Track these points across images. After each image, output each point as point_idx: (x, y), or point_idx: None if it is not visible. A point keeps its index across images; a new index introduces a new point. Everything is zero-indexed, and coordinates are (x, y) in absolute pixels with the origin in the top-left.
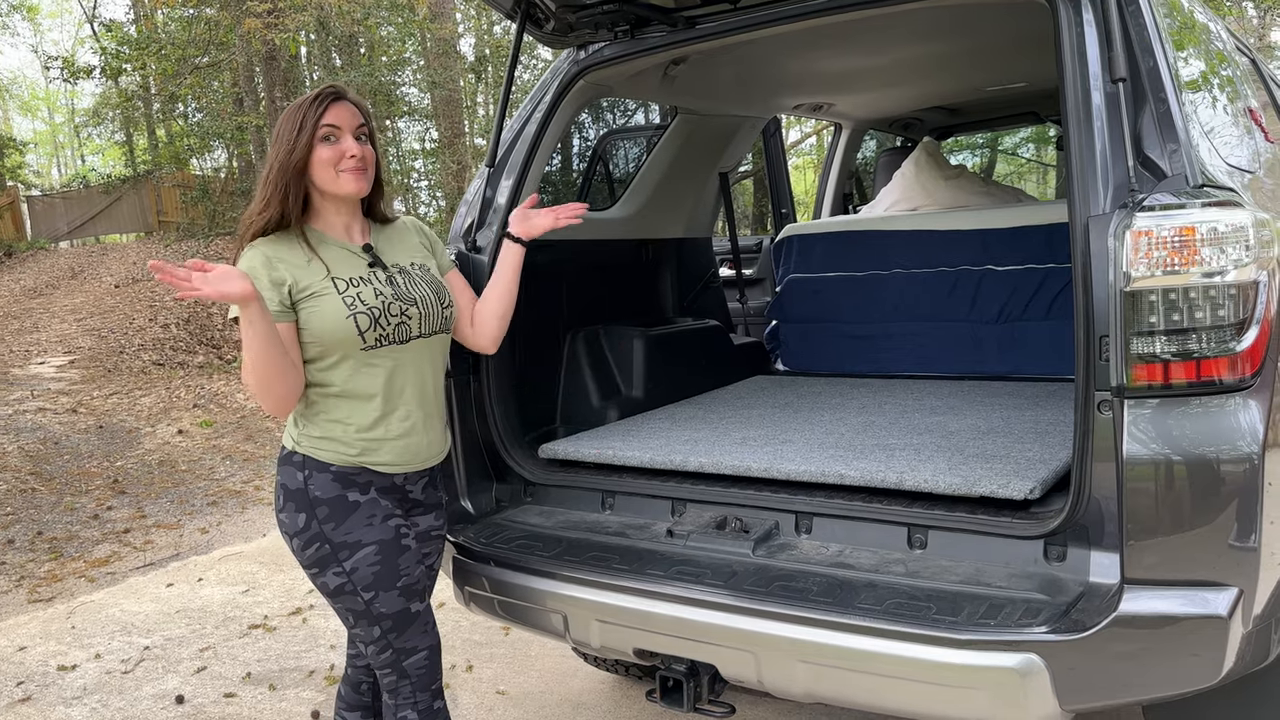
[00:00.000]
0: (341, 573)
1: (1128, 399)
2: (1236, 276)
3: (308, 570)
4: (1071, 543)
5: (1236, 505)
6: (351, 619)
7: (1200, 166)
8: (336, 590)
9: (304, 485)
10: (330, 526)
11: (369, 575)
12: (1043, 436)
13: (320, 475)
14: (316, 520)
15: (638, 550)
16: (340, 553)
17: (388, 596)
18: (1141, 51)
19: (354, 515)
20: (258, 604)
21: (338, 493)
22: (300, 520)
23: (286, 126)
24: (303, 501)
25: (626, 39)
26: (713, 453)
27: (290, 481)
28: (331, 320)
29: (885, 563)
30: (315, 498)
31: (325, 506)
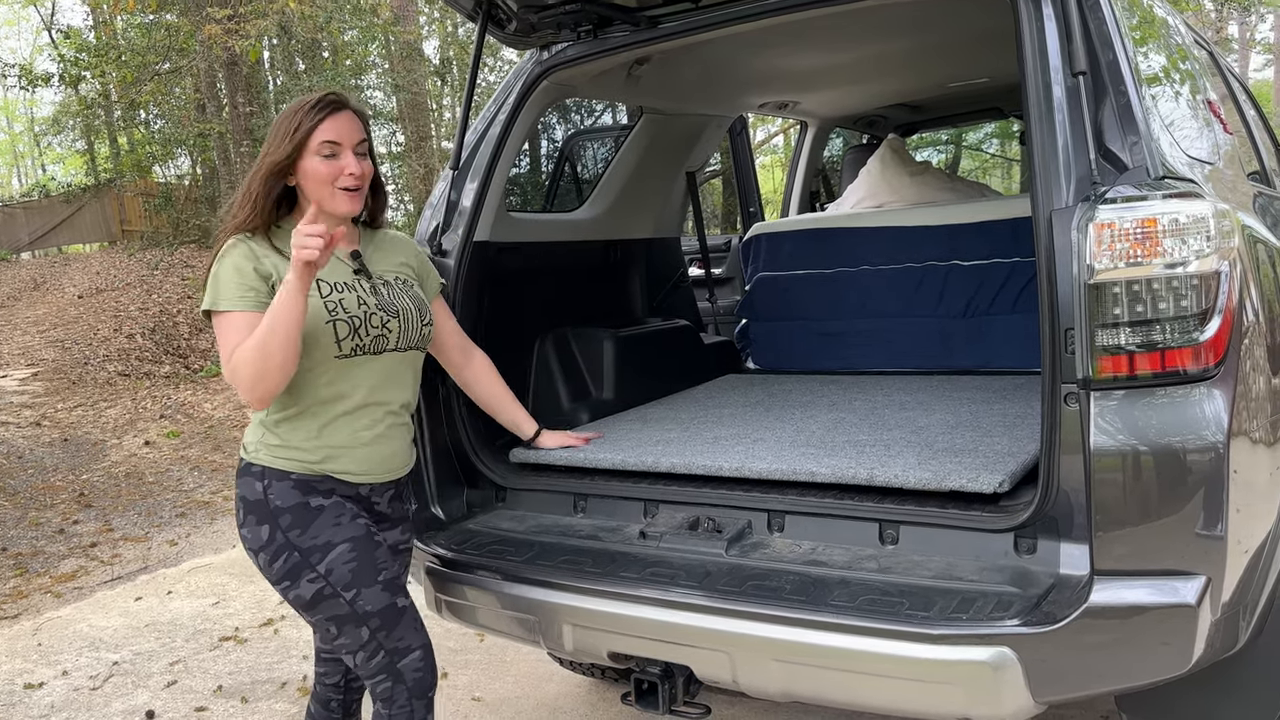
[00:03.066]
0: (317, 578)
1: (1094, 391)
2: (1198, 267)
3: (279, 586)
4: (1041, 535)
5: (1203, 494)
6: (335, 628)
7: (1161, 158)
8: (314, 599)
9: (264, 495)
10: (296, 533)
11: (346, 573)
12: (1011, 430)
13: (280, 484)
14: (280, 530)
15: (610, 553)
16: (311, 557)
17: (370, 592)
18: (1101, 45)
19: (319, 519)
20: (228, 616)
21: (298, 500)
22: (264, 533)
23: (281, 129)
24: (264, 513)
25: (589, 39)
26: (684, 453)
27: (249, 493)
28: (310, 322)
29: (857, 559)
30: (276, 507)
31: (288, 515)
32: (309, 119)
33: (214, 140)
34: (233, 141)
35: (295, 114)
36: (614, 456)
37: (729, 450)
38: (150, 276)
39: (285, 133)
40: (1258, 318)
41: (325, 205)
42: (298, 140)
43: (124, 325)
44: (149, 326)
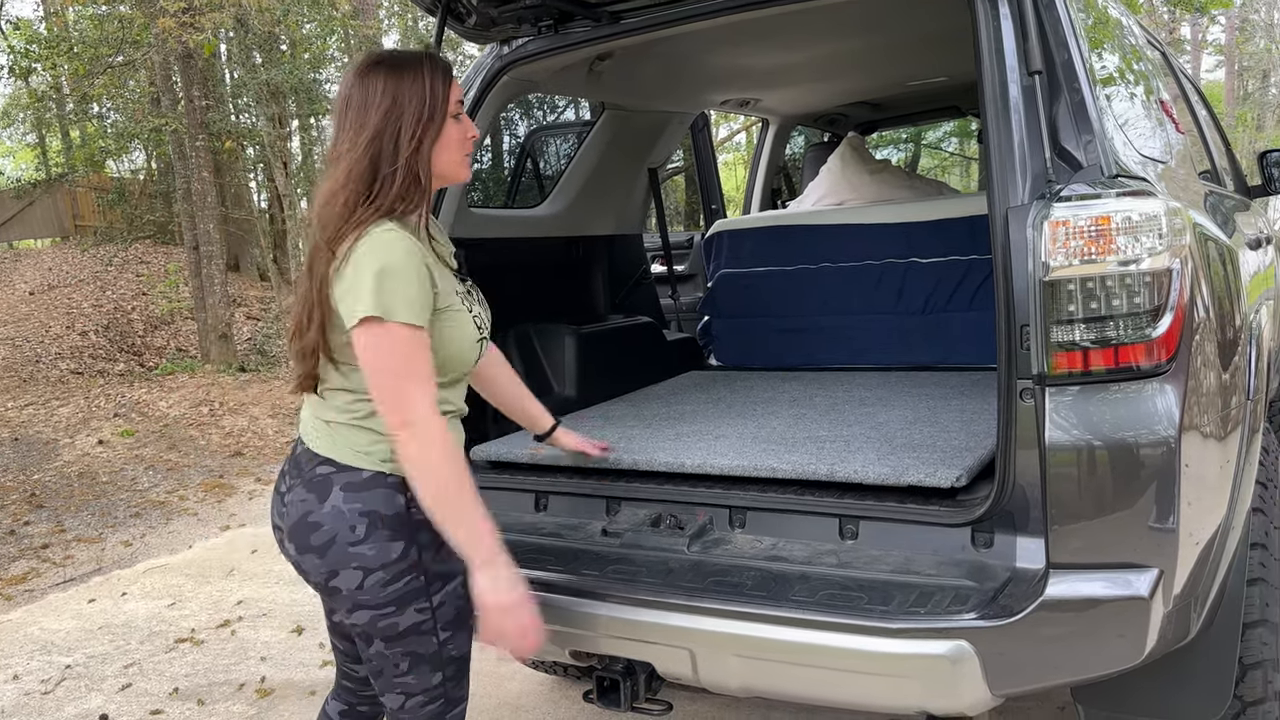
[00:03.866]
0: (426, 609)
1: (1049, 386)
2: (1151, 264)
3: (376, 610)
4: (998, 529)
5: (1155, 488)
6: (408, 665)
7: (1114, 157)
8: (407, 631)
9: (405, 509)
10: (430, 554)
11: (452, 612)
12: (968, 425)
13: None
14: (418, 547)
15: (572, 550)
16: (433, 585)
17: (461, 637)
18: (1056, 44)
19: (447, 544)
20: (184, 617)
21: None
22: (396, 550)
23: (415, 93)
24: (403, 528)
25: (550, 34)
26: (646, 450)
27: (385, 506)
28: (466, 342)
29: (818, 554)
30: (418, 522)
31: (428, 532)
32: (441, 79)
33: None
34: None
35: (426, 75)
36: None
37: (691, 447)
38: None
39: (423, 98)
40: (1208, 314)
41: (457, 174)
42: (445, 106)
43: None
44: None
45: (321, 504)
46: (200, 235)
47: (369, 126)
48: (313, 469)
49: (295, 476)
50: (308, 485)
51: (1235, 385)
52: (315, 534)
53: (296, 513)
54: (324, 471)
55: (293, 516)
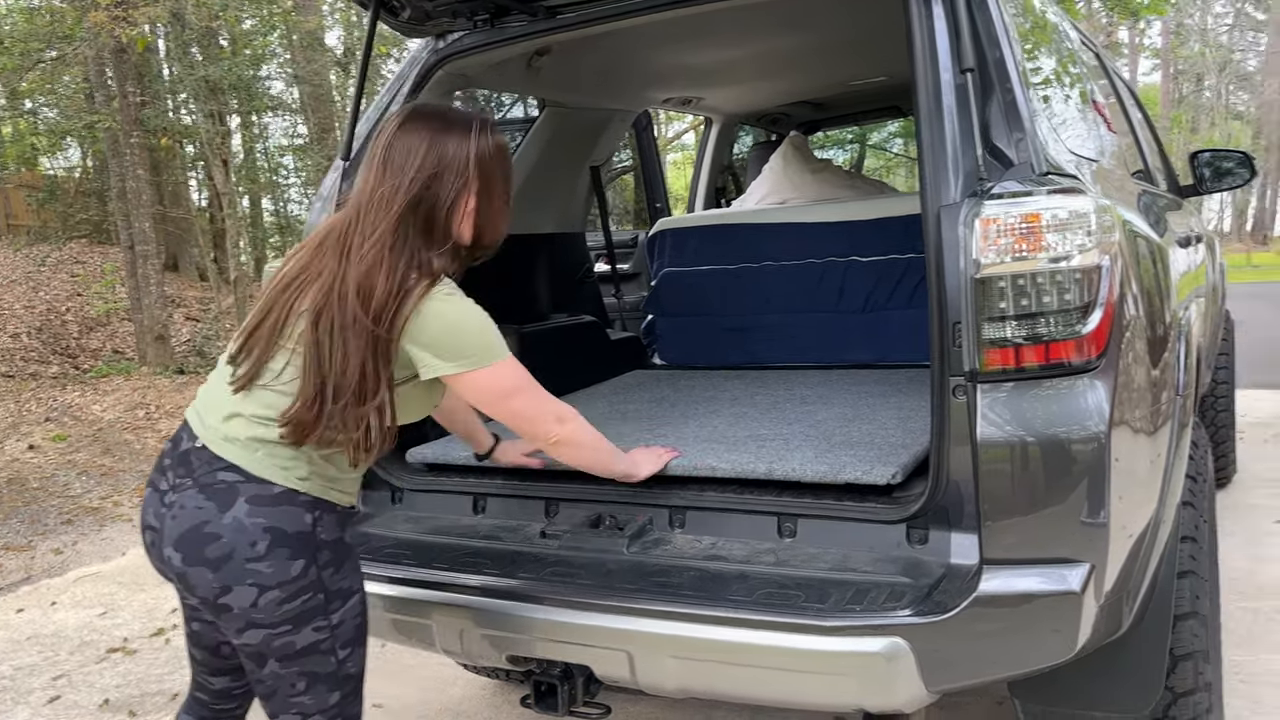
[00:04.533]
0: (324, 627)
1: (981, 383)
2: (1080, 261)
3: (271, 629)
4: (932, 525)
5: (1086, 484)
6: (304, 684)
7: (1045, 155)
8: (305, 650)
9: (312, 528)
10: (330, 572)
11: (351, 629)
12: (905, 422)
13: (329, 516)
14: (317, 566)
15: (510, 553)
16: (332, 603)
17: (359, 654)
18: (989, 43)
19: (349, 559)
20: (116, 626)
21: (339, 534)
22: (295, 567)
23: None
24: (305, 546)
25: (486, 28)
26: None
27: (291, 524)
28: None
29: (756, 553)
30: (321, 540)
31: (329, 550)
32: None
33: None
34: (122, 133)
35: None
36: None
37: (631, 447)
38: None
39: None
40: (1138, 311)
41: (496, 239)
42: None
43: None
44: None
45: (222, 514)
46: (135, 234)
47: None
48: (212, 473)
49: (184, 476)
50: (205, 491)
51: (1165, 381)
52: (211, 546)
53: (190, 520)
54: (228, 479)
55: (185, 523)
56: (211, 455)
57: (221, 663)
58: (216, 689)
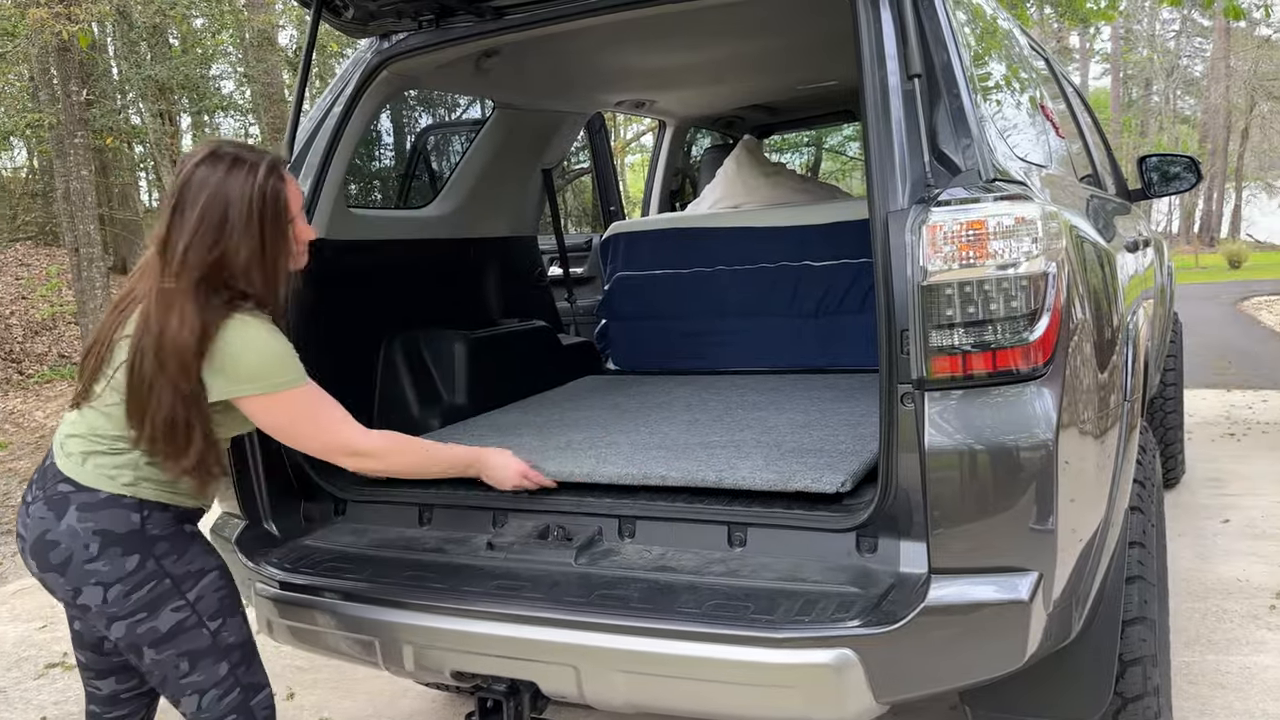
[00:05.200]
0: (183, 606)
1: (928, 391)
2: (1027, 268)
3: (128, 620)
4: (882, 534)
5: (1034, 492)
6: (188, 664)
7: (993, 161)
8: (172, 631)
9: (140, 526)
10: (171, 560)
11: (215, 601)
12: (855, 428)
13: (160, 514)
14: (154, 558)
15: (455, 566)
16: (184, 584)
17: (234, 622)
18: (936, 48)
19: (194, 545)
20: (56, 640)
21: (175, 528)
22: (130, 563)
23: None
24: (136, 543)
25: (432, 28)
26: (535, 459)
27: (117, 525)
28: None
29: (706, 563)
30: (153, 535)
31: (165, 542)
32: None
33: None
34: (66, 132)
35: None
36: None
37: (581, 455)
38: None
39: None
40: (1085, 317)
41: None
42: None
43: None
44: None
45: (58, 522)
46: (80, 236)
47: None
48: (54, 485)
49: (39, 489)
50: (48, 503)
51: (1113, 386)
52: (53, 552)
53: (37, 529)
54: (63, 490)
55: (33, 532)
56: (55, 469)
57: (106, 661)
58: (105, 694)
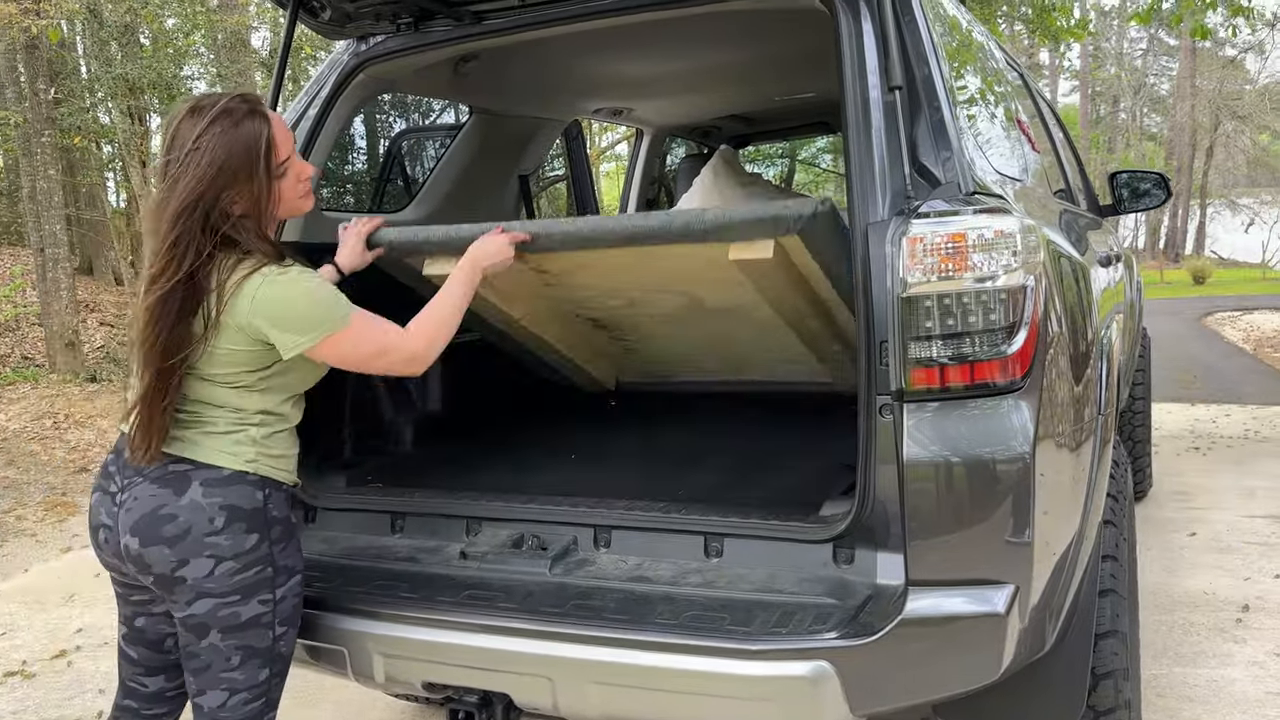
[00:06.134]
0: (269, 600)
1: (907, 402)
2: (1005, 281)
3: (220, 599)
4: (859, 545)
5: (1011, 505)
6: (239, 659)
7: (972, 174)
8: (249, 623)
9: (263, 505)
10: (280, 548)
11: (289, 608)
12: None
13: (278, 494)
14: (269, 541)
15: (427, 575)
16: (279, 578)
17: (293, 635)
18: (917, 61)
19: (293, 539)
20: (15, 648)
21: (287, 513)
22: (250, 541)
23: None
24: (259, 522)
25: (410, 31)
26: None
27: (245, 501)
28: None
29: (683, 574)
30: (273, 517)
31: (279, 526)
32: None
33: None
34: (33, 131)
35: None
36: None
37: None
38: None
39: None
40: (1062, 330)
41: (297, 212)
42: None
43: None
44: None
45: (179, 497)
46: (46, 237)
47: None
48: (162, 467)
49: (131, 476)
50: (159, 482)
51: (1088, 399)
52: (169, 525)
53: (146, 506)
54: (179, 469)
55: (140, 510)
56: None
57: (162, 659)
58: (150, 691)
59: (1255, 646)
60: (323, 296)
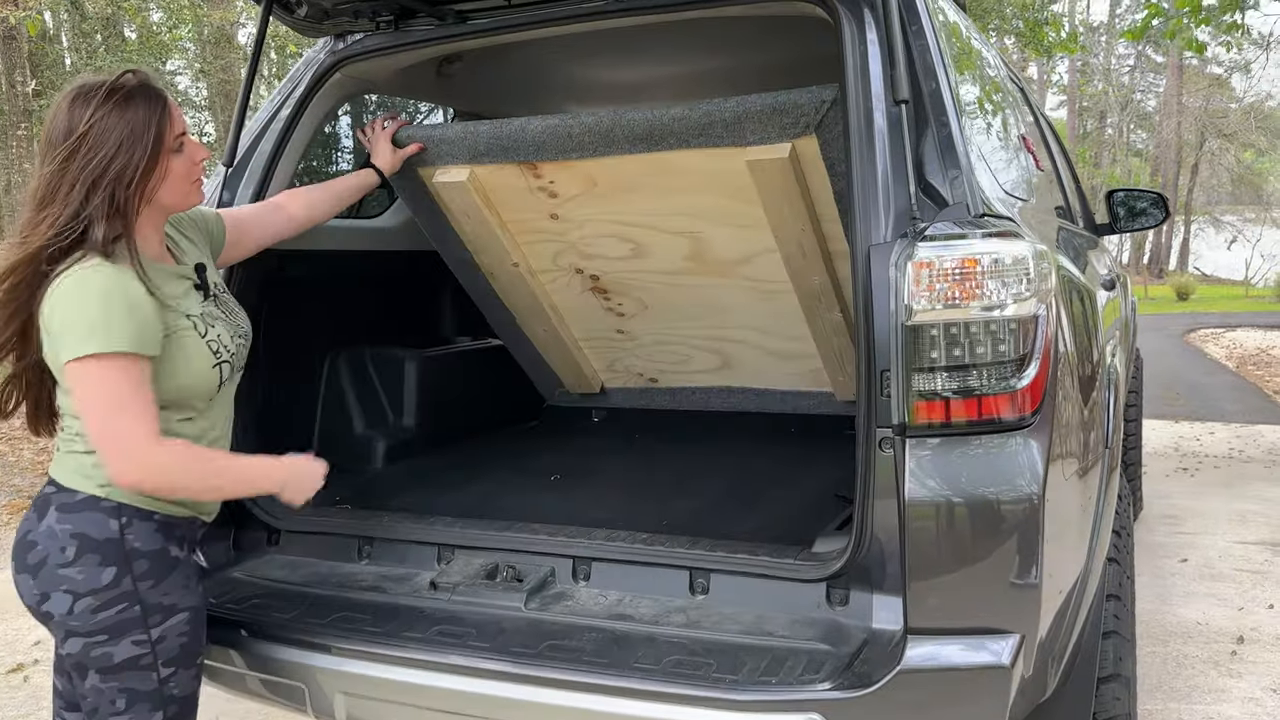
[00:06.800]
0: (144, 642)
1: (910, 438)
2: (1017, 310)
3: (91, 639)
4: (854, 585)
5: (1018, 549)
6: (123, 703)
7: (981, 194)
8: (125, 664)
9: (119, 534)
10: (148, 585)
11: (175, 647)
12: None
13: (143, 524)
14: (132, 576)
15: (395, 607)
16: (152, 617)
17: (186, 675)
18: (924, 73)
19: (174, 574)
20: None
21: (160, 545)
22: (105, 576)
23: (121, 128)
24: (114, 553)
25: (390, 30)
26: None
27: (96, 530)
28: (198, 369)
29: (666, 612)
30: (134, 549)
31: (145, 560)
32: (157, 114)
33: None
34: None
35: (137, 109)
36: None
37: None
38: None
39: (140, 130)
40: (1072, 361)
41: (183, 202)
42: (158, 140)
43: None
44: None
45: (40, 523)
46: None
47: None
48: (43, 488)
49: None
50: (34, 503)
51: (1096, 435)
52: (31, 553)
53: (20, 531)
54: (46, 491)
55: (17, 534)
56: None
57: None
58: None
59: (1251, 681)
60: (108, 306)
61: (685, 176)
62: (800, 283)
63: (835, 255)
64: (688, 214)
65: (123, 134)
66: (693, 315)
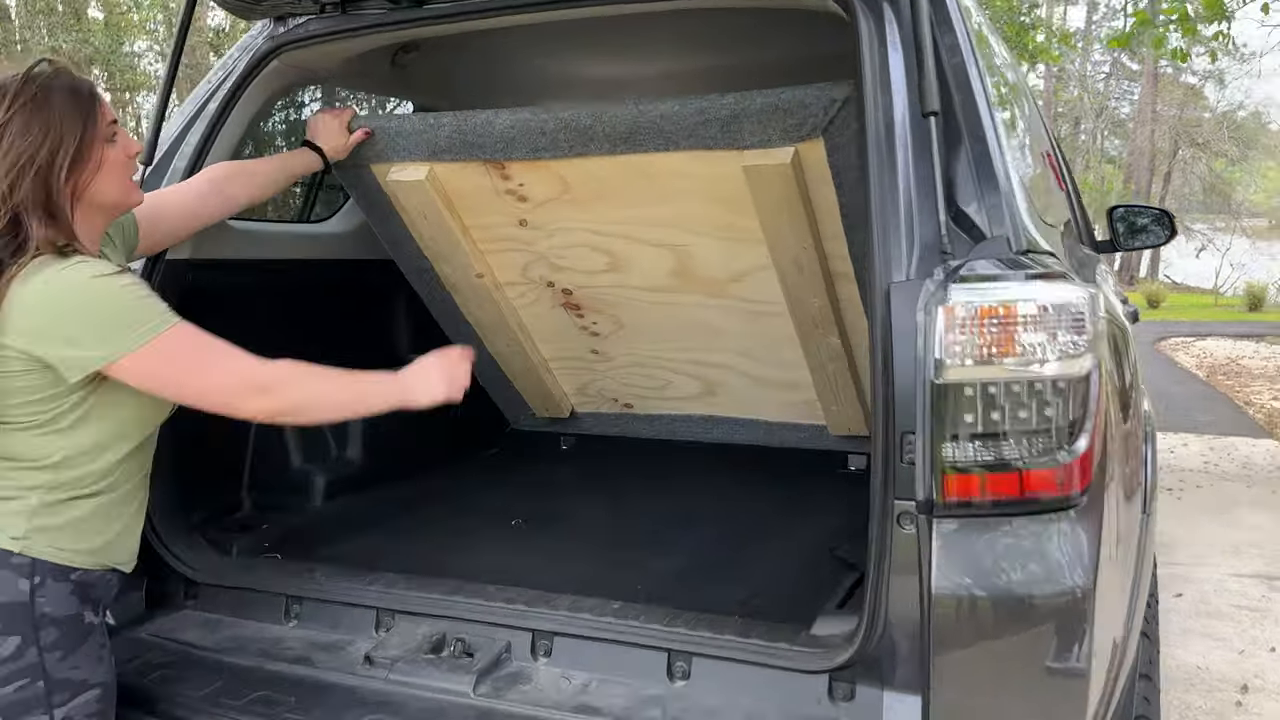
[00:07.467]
0: None
1: (937, 516)
2: (1066, 368)
3: None
4: (861, 680)
5: (1061, 650)
6: None
7: (1023, 226)
8: None
9: (29, 598)
10: (56, 656)
11: None
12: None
13: (57, 584)
14: (38, 647)
15: (322, 685)
16: (56, 695)
17: None
18: (956, 80)
19: (86, 644)
20: None
21: (74, 610)
22: (9, 646)
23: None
24: (21, 620)
25: (336, 14)
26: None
27: (3, 592)
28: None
29: (639, 703)
30: (44, 615)
31: (56, 628)
32: (90, 101)
33: None
34: None
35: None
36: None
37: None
38: None
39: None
40: (1121, 422)
41: (123, 200)
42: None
43: None
44: None
45: None
46: None
47: None
48: None
49: None
50: None
51: (1139, 499)
52: None
53: None
54: None
55: None
56: None
57: None
58: None
59: None
60: (127, 293)
61: (672, 182)
62: (796, 305)
63: (837, 276)
64: (673, 225)
65: (49, 120)
66: (674, 336)
